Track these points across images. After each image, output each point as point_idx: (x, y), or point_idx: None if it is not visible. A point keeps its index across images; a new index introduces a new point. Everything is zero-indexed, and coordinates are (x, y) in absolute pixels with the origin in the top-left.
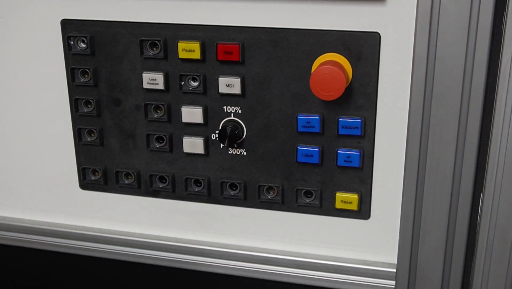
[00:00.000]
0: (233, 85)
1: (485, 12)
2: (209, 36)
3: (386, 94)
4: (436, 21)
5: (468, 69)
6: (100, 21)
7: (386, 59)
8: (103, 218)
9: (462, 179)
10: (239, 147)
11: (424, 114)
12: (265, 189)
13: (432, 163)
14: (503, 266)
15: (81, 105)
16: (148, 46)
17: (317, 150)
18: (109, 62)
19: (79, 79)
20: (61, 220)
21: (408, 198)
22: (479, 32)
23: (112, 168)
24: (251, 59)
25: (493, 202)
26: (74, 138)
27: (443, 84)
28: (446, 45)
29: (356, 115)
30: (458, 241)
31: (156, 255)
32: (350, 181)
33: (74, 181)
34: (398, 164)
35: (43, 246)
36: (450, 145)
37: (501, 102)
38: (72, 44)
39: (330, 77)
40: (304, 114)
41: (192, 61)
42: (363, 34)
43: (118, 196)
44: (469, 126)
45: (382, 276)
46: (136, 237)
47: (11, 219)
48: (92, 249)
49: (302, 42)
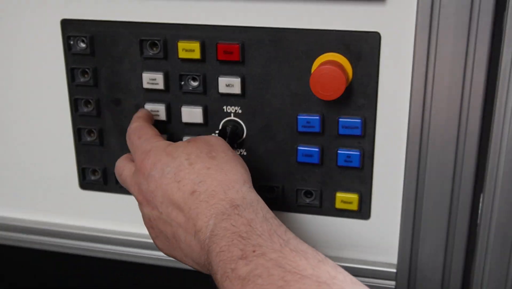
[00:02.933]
0: (233, 85)
1: (485, 12)
2: (209, 36)
3: (386, 94)
4: (436, 21)
5: (468, 69)
6: (100, 21)
7: (386, 59)
8: (103, 218)
9: (462, 179)
10: (239, 146)
11: (424, 115)
12: (265, 189)
13: (432, 163)
14: (503, 266)
15: (81, 105)
16: (148, 46)
17: (317, 150)
18: (109, 62)
19: (79, 79)
20: (61, 220)
21: (408, 198)
22: (479, 32)
23: (112, 168)
24: (251, 59)
25: (493, 202)
26: (74, 138)
27: (443, 84)
28: (446, 45)
29: (356, 115)
30: (458, 241)
31: (156, 255)
32: (350, 181)
33: (74, 181)
34: (398, 164)
35: (43, 246)
36: (450, 145)
37: (501, 102)
38: (72, 44)
39: (330, 77)
40: (304, 114)
41: (192, 61)
42: (363, 34)
43: (118, 196)
44: (469, 126)
45: (382, 276)
46: (136, 237)
47: (11, 219)
48: (92, 249)
49: (302, 42)
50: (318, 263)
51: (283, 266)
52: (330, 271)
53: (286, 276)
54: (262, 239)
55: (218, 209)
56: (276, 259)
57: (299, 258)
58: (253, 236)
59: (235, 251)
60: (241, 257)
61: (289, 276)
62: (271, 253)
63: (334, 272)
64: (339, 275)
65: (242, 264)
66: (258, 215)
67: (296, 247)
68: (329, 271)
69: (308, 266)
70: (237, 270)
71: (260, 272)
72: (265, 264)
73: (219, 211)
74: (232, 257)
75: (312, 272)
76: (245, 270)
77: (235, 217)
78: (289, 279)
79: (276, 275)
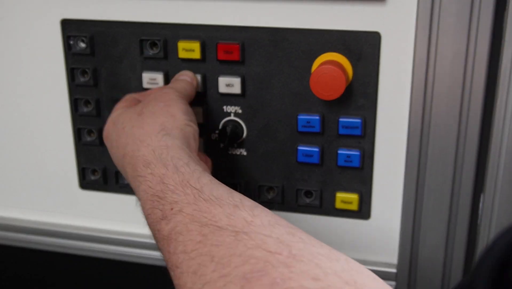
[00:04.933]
0: (233, 85)
1: (485, 12)
2: (209, 36)
3: (386, 94)
4: (436, 21)
5: (468, 69)
6: (100, 21)
7: (386, 59)
8: (103, 218)
9: (462, 179)
10: (239, 146)
11: (424, 114)
12: (265, 189)
13: (432, 163)
14: None
15: (81, 105)
16: (148, 46)
17: (317, 150)
18: (109, 62)
19: (79, 79)
20: (61, 220)
21: (408, 198)
22: (479, 32)
23: (112, 168)
24: (251, 59)
25: (493, 202)
26: (74, 138)
27: (443, 84)
28: (446, 45)
29: (356, 115)
30: (458, 241)
31: (156, 255)
32: (350, 181)
33: (74, 181)
34: (398, 164)
35: (43, 246)
36: (450, 145)
37: (501, 102)
38: (72, 44)
39: (330, 77)
40: (304, 114)
41: (192, 61)
42: (363, 34)
43: (118, 196)
44: (469, 126)
45: (382, 276)
46: (136, 237)
47: (11, 219)
48: (92, 249)
49: (302, 42)
50: (234, 209)
51: (199, 219)
52: (246, 217)
53: (203, 230)
54: (176, 194)
55: (137, 171)
56: (192, 213)
57: (213, 207)
58: (168, 193)
59: (157, 213)
60: (162, 218)
61: (206, 229)
62: (186, 208)
63: (250, 217)
64: (256, 220)
65: (164, 224)
66: (169, 168)
67: (209, 195)
68: (245, 217)
69: (223, 215)
70: (161, 230)
71: (180, 229)
72: (182, 221)
73: (137, 173)
74: (156, 219)
75: (227, 222)
76: (167, 229)
77: (149, 177)
78: (206, 232)
79: (194, 230)
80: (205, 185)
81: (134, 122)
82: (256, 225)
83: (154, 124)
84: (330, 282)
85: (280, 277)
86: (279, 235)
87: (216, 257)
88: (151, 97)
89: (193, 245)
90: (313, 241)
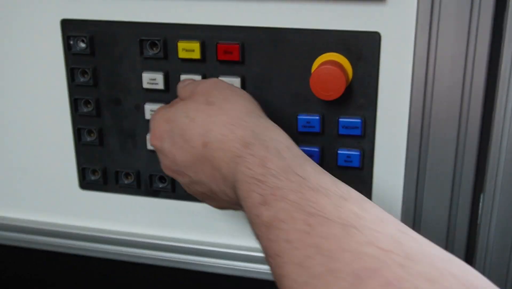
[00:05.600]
0: (233, 85)
1: (485, 12)
2: (209, 36)
3: (386, 94)
4: (436, 21)
5: (468, 69)
6: (100, 21)
7: (386, 59)
8: (103, 218)
9: (462, 179)
10: None
11: (424, 114)
12: None
13: (432, 162)
14: (503, 266)
15: (80, 105)
16: (148, 46)
17: (317, 150)
18: (108, 62)
19: (79, 79)
20: (61, 220)
21: (408, 198)
22: (479, 32)
23: (112, 168)
24: (251, 59)
25: (493, 202)
26: (74, 138)
27: (443, 84)
28: (446, 45)
29: (356, 115)
30: (458, 241)
31: (156, 255)
32: (350, 181)
33: (74, 181)
34: (398, 164)
35: (43, 246)
36: (450, 145)
37: (501, 102)
38: (72, 44)
39: (330, 77)
40: (304, 114)
41: (192, 61)
42: (363, 34)
43: (118, 196)
44: (469, 126)
45: None
46: (136, 237)
47: (11, 219)
48: (92, 249)
49: (302, 42)
50: (341, 201)
51: (304, 208)
52: (355, 210)
53: (309, 220)
54: (279, 180)
55: (233, 152)
56: (297, 201)
57: (320, 197)
58: (269, 178)
59: (256, 197)
60: (262, 203)
61: (312, 220)
62: (291, 195)
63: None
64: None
65: (264, 210)
66: (270, 150)
67: (315, 184)
68: (354, 210)
69: (330, 206)
70: (260, 216)
71: (283, 217)
72: (286, 208)
73: (234, 154)
74: (254, 203)
75: (336, 214)
76: (268, 215)
77: (249, 158)
78: (313, 222)
79: (299, 219)
80: (310, 173)
81: (210, 112)
82: (367, 219)
83: (239, 108)
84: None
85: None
86: (391, 232)
87: (324, 250)
88: (202, 90)
89: (298, 234)
90: (423, 240)
